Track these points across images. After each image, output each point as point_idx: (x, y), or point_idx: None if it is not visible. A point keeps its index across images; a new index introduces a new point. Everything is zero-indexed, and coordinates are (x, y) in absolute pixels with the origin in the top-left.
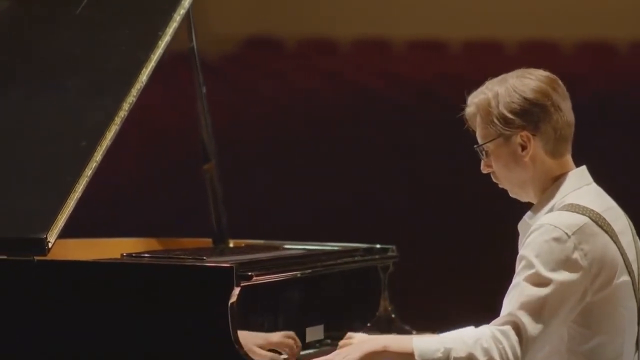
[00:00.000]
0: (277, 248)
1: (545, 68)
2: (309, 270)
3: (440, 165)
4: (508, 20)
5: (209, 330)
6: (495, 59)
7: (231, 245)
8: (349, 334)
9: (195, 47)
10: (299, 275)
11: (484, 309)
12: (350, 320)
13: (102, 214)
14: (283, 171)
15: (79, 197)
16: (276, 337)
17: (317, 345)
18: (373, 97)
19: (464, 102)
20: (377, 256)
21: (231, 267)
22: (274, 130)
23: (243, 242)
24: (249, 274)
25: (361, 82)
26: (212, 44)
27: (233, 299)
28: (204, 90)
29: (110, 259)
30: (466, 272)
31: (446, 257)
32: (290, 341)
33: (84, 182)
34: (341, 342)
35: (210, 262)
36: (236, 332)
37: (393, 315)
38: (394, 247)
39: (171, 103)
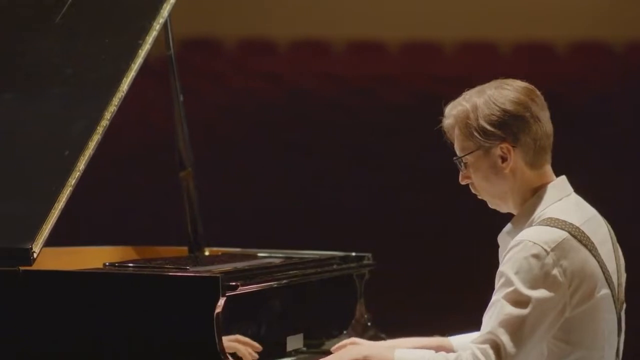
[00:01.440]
0: (254, 256)
1: (484, 69)
2: (293, 279)
3: (385, 165)
4: (447, 21)
5: (194, 340)
6: (434, 60)
7: (207, 253)
8: (353, 339)
9: (173, 55)
10: (283, 284)
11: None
12: (329, 329)
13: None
14: (225, 174)
15: (63, 207)
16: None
17: (293, 353)
18: (310, 98)
19: (404, 102)
20: (354, 264)
21: (217, 277)
22: (214, 132)
23: (219, 250)
24: (234, 283)
25: (300, 82)
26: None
27: (219, 309)
28: (182, 97)
29: (95, 268)
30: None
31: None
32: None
33: (68, 191)
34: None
35: (196, 272)
36: (222, 342)
37: (369, 323)
38: (369, 255)
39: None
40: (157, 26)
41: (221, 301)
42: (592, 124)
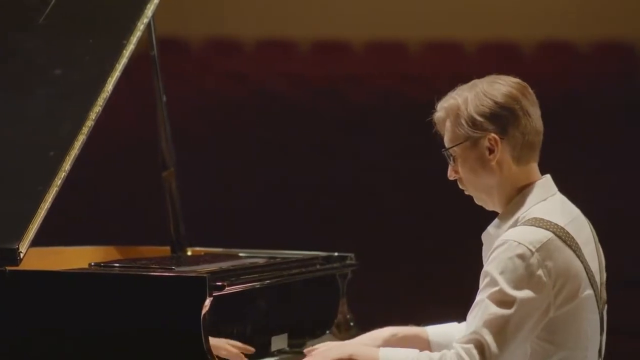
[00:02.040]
0: (237, 257)
1: (449, 68)
2: (279, 279)
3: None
4: (412, 20)
5: (181, 340)
6: (399, 59)
7: (189, 253)
8: (326, 343)
9: (156, 55)
10: (269, 284)
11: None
12: (312, 329)
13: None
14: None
15: (49, 207)
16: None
17: (276, 353)
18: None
19: (370, 101)
20: (337, 264)
21: (204, 277)
22: (180, 132)
23: (202, 250)
24: (221, 284)
25: (265, 82)
26: None
27: (205, 309)
28: (165, 98)
29: (82, 269)
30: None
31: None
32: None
33: (54, 191)
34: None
35: (183, 272)
36: (208, 342)
37: (352, 323)
38: (352, 255)
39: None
40: (141, 26)
41: (208, 301)
42: (558, 123)
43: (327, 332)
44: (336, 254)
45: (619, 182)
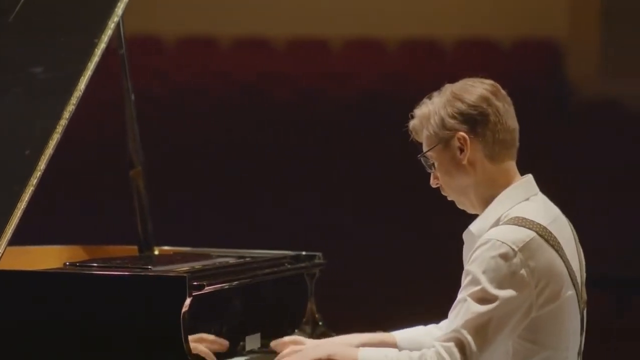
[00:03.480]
0: (209, 256)
1: (370, 66)
2: (256, 278)
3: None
4: (333, 17)
5: (160, 340)
6: (320, 57)
7: (156, 252)
8: (294, 337)
9: (124, 54)
10: (247, 283)
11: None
12: (284, 328)
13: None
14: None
15: (25, 206)
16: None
17: (245, 353)
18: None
19: (292, 100)
20: (306, 263)
21: (184, 277)
22: (104, 131)
23: (171, 249)
24: (200, 283)
25: (187, 81)
26: None
27: (185, 308)
28: (133, 97)
29: (59, 268)
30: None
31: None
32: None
33: (30, 191)
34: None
35: (162, 272)
36: (188, 343)
37: (320, 322)
38: (320, 254)
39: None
40: (112, 25)
41: (188, 301)
42: None
43: (296, 330)
44: (304, 253)
45: (545, 180)
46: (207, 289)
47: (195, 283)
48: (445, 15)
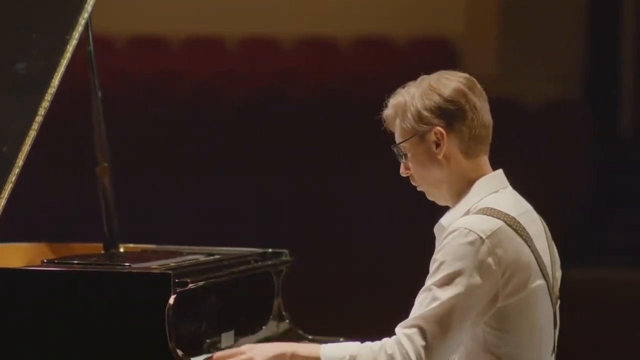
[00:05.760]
0: (180, 253)
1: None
2: (235, 275)
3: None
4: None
5: (144, 337)
6: (215, 55)
7: (122, 250)
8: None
9: (92, 51)
10: (229, 279)
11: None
12: (254, 325)
13: None
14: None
15: (5, 204)
16: None
17: (212, 350)
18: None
19: (190, 99)
20: (274, 261)
21: (168, 274)
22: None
23: (137, 247)
24: (184, 280)
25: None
26: None
27: (169, 305)
28: (100, 93)
29: (38, 265)
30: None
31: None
32: None
33: (9, 188)
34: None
35: (146, 269)
36: (173, 340)
37: (287, 320)
38: (286, 251)
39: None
40: (82, 21)
41: (172, 298)
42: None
43: (263, 327)
44: (270, 250)
45: None
46: (191, 286)
47: (177, 280)
48: (340, 14)
